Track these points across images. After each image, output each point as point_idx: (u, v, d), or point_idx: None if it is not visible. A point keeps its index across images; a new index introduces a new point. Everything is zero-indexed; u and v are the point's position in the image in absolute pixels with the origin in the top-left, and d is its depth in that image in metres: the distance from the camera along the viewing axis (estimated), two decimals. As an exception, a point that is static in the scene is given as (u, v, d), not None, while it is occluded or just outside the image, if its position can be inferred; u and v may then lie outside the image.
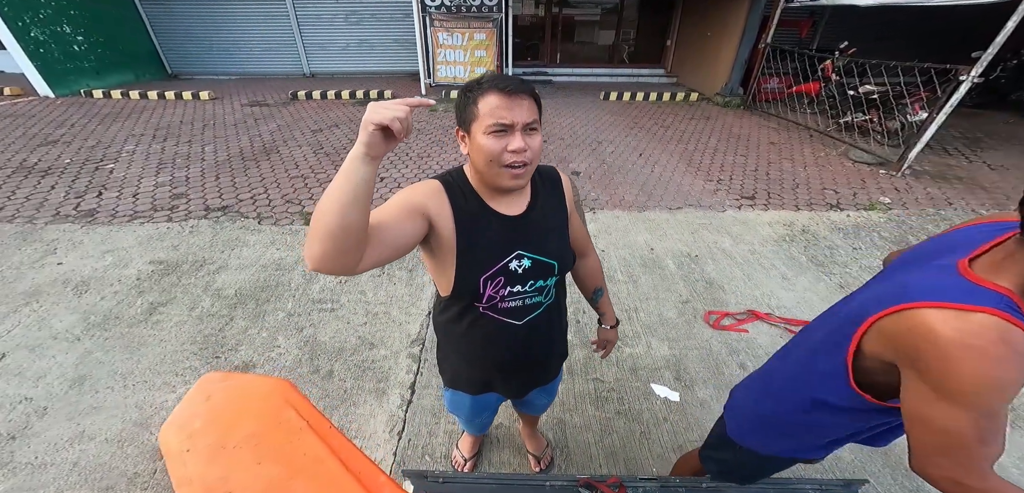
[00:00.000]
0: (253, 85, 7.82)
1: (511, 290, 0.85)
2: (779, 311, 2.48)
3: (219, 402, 0.79)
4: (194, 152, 4.64)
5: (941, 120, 4.03)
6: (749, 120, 6.35)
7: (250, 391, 0.83)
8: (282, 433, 0.73)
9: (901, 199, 3.90)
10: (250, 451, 0.69)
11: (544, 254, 0.86)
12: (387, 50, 8.68)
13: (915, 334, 0.63)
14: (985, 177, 4.40)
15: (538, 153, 0.76)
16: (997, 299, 0.58)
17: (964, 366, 0.58)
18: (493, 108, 0.70)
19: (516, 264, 0.83)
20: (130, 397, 1.89)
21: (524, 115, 0.71)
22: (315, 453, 0.69)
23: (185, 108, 6.25)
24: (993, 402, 0.58)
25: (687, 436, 1.80)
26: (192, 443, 0.70)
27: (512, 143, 0.72)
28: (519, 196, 0.86)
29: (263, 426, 0.74)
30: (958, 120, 5.83)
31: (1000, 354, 0.56)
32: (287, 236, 3.16)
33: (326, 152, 4.73)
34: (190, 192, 3.78)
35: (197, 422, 0.74)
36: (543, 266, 0.86)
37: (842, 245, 3.18)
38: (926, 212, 3.68)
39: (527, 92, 0.73)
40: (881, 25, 7.33)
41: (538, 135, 0.76)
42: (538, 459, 1.69)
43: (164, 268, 2.76)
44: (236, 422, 0.75)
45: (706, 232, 3.33)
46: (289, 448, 0.70)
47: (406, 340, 2.24)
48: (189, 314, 2.37)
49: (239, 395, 0.82)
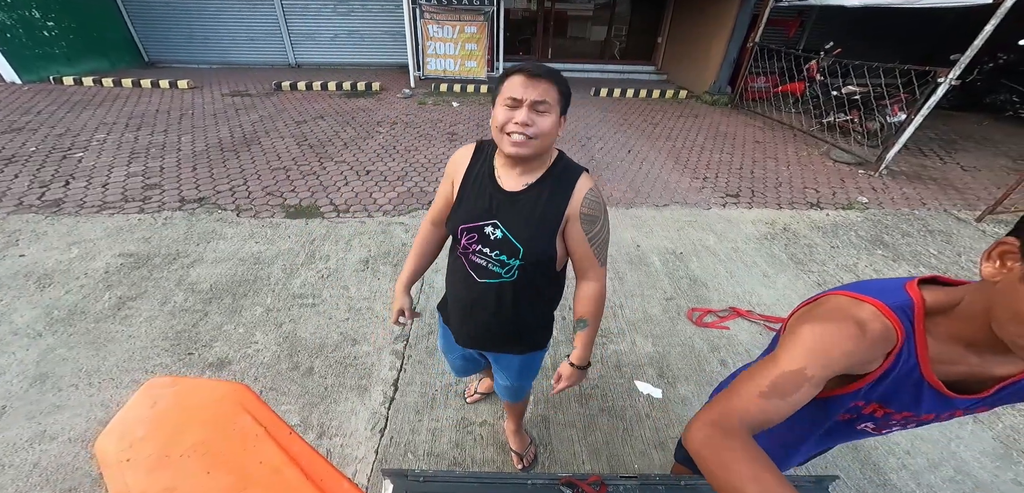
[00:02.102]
0: (235, 75, 7.57)
1: (480, 249, 0.97)
2: (760, 308, 2.52)
3: (165, 408, 0.73)
4: (170, 142, 4.47)
5: (918, 122, 4.14)
6: (736, 118, 6.43)
7: (201, 396, 0.77)
8: (236, 440, 0.68)
9: (878, 199, 4.00)
10: (198, 460, 0.64)
11: (513, 234, 0.93)
12: (377, 42, 8.50)
13: (809, 310, 0.66)
14: (957, 178, 4.54)
15: (545, 132, 0.84)
16: (897, 297, 0.60)
17: (805, 328, 0.60)
18: (512, 85, 0.83)
19: (491, 230, 0.94)
20: (96, 396, 1.81)
21: (534, 94, 0.81)
22: (273, 461, 0.65)
23: (161, 97, 6.01)
24: (804, 361, 0.57)
25: (668, 433, 1.81)
26: (132, 453, 0.65)
27: (518, 116, 0.82)
28: (526, 174, 0.93)
29: (214, 433, 0.69)
30: (935, 122, 6.01)
31: (846, 329, 0.58)
32: (267, 229, 3.06)
33: (310, 144, 4.61)
34: (164, 183, 3.64)
35: (139, 430, 0.68)
36: (510, 245, 0.93)
37: (821, 243, 3.25)
38: (901, 212, 3.78)
39: (545, 77, 0.82)
40: (867, 26, 7.48)
41: (548, 116, 0.83)
42: (521, 457, 1.69)
43: (134, 261, 2.65)
44: (183, 429, 0.69)
45: (691, 229, 3.35)
46: (243, 456, 0.66)
47: (390, 336, 2.20)
48: (161, 309, 2.28)
49: (188, 401, 0.76)
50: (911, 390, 0.62)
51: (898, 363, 0.60)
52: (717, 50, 7.09)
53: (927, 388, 0.61)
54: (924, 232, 3.46)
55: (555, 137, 0.88)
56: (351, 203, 3.50)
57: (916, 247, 3.24)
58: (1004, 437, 1.83)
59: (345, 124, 5.28)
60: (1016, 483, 1.67)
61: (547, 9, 9.10)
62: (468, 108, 6.36)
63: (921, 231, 3.48)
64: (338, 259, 2.78)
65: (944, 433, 1.85)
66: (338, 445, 1.69)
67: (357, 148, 4.57)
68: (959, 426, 1.88)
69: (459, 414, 1.83)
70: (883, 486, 1.64)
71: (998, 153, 5.34)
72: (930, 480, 1.67)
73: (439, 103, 6.49)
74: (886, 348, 0.59)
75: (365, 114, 5.70)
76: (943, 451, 1.77)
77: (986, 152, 5.36)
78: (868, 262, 3.03)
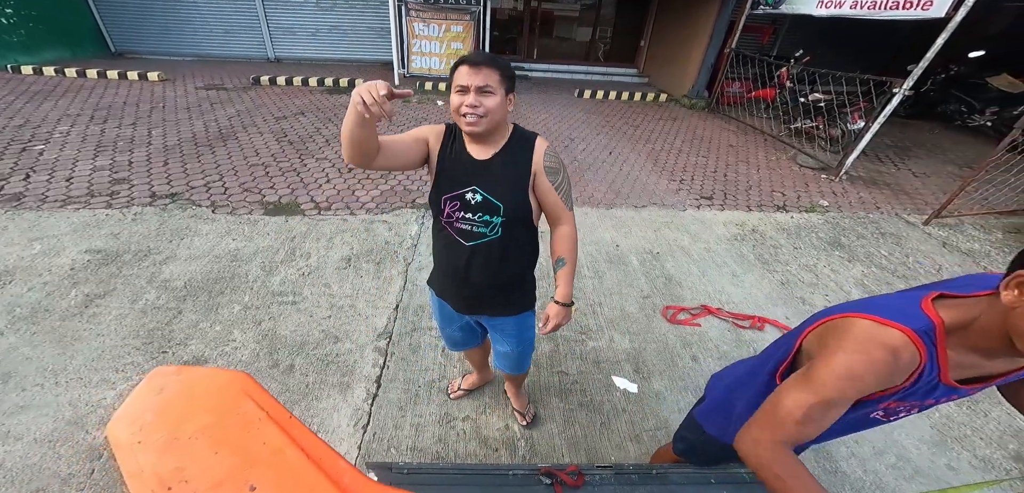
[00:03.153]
0: (210, 68, 7.32)
1: (464, 215, 1.09)
2: (729, 306, 2.65)
3: (171, 395, 0.77)
4: (139, 136, 4.30)
5: (875, 129, 4.43)
6: (712, 122, 6.68)
7: (205, 384, 0.81)
8: (240, 424, 0.72)
9: (837, 202, 4.26)
10: (206, 442, 0.68)
11: (493, 195, 1.06)
12: (360, 38, 8.37)
13: (835, 331, 0.71)
14: (909, 183, 4.89)
15: (492, 110, 0.97)
16: (919, 321, 0.66)
17: (839, 357, 0.67)
18: (460, 74, 0.96)
19: (471, 196, 1.07)
20: (62, 395, 1.76)
21: (478, 80, 0.94)
22: (275, 443, 0.69)
23: (130, 89, 5.76)
24: (841, 390, 0.66)
25: (643, 426, 1.89)
26: (144, 436, 0.68)
27: (467, 99, 0.96)
28: (489, 146, 1.07)
29: (219, 418, 0.73)
30: (891, 129, 6.42)
31: (879, 357, 0.64)
32: (245, 226, 3.01)
33: (290, 140, 4.53)
34: (134, 177, 3.51)
35: (148, 415, 0.72)
36: (491, 204, 1.07)
37: (785, 244, 3.44)
38: (857, 215, 4.04)
39: (486, 64, 0.95)
40: (833, 36, 7.87)
41: (493, 97, 0.97)
42: (523, 414, 1.83)
43: (102, 257, 2.56)
44: (190, 414, 0.73)
45: (668, 230, 3.49)
46: (247, 438, 0.70)
47: (372, 333, 2.22)
48: (131, 307, 2.23)
49: (193, 388, 0.80)
50: (927, 391, 0.69)
51: (921, 378, 0.67)
52: (696, 55, 7.33)
53: (941, 387, 0.69)
54: (877, 235, 3.72)
55: (506, 112, 1.02)
56: (333, 200, 3.47)
57: (869, 249, 3.48)
58: (940, 425, 2.00)
59: (327, 121, 5.20)
60: (949, 468, 1.82)
61: (533, 9, 9.18)
62: (452, 107, 6.37)
63: (874, 234, 3.73)
64: (319, 257, 2.77)
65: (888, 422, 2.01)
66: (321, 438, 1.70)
67: (339, 145, 4.52)
68: (902, 411, 2.05)
69: (442, 410, 1.87)
70: (834, 473, 1.75)
71: (946, 160, 5.76)
72: (875, 467, 1.80)
73: (424, 101, 6.47)
74: (912, 369, 0.66)
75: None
76: (887, 439, 1.91)
77: (936, 159, 5.78)
78: (827, 263, 3.23)
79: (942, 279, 0.91)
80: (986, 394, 2.14)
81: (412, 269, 2.73)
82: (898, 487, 1.74)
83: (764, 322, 2.52)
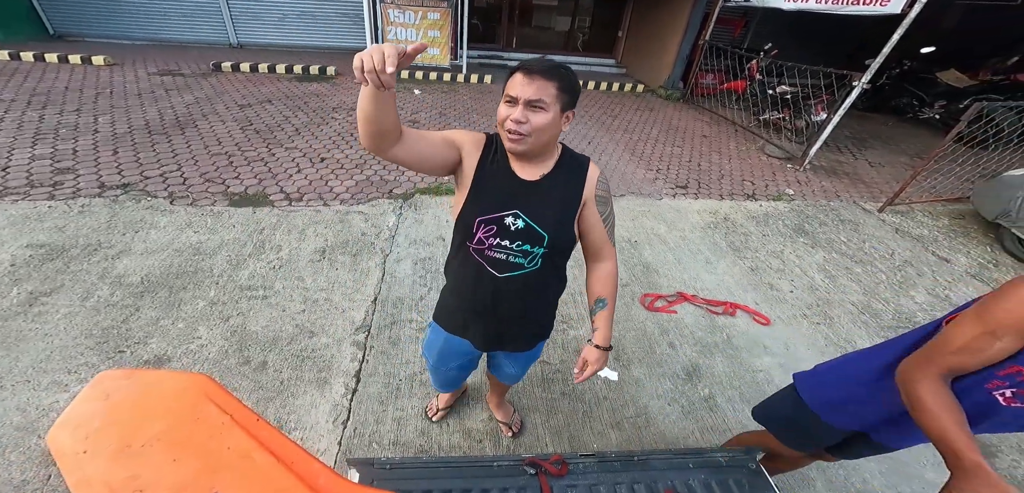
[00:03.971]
0: (164, 53, 6.80)
1: (499, 242, 0.94)
2: (703, 293, 2.74)
3: (121, 400, 0.69)
4: (84, 123, 3.96)
5: (836, 121, 4.67)
6: (687, 113, 6.85)
7: (160, 388, 0.73)
8: (202, 429, 0.65)
9: (801, 191, 4.48)
10: (163, 448, 0.61)
11: (538, 222, 0.93)
12: (331, 24, 7.95)
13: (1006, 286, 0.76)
14: (866, 173, 5.20)
15: (540, 129, 0.85)
16: None
17: (1010, 289, 0.72)
18: (512, 82, 0.84)
19: (511, 221, 0.93)
20: (9, 399, 1.62)
21: (529, 93, 0.82)
22: (242, 447, 0.63)
23: (72, 74, 5.28)
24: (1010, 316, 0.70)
25: (624, 413, 1.93)
26: (89, 444, 0.60)
27: (514, 113, 0.84)
28: (538, 166, 0.95)
29: (177, 422, 0.66)
30: (851, 122, 6.79)
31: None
32: (207, 218, 2.84)
33: (256, 129, 4.29)
34: (79, 167, 3.24)
35: (95, 421, 0.64)
36: (534, 233, 0.93)
37: (755, 232, 3.59)
38: (819, 203, 4.27)
39: (542, 75, 0.82)
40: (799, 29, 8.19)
41: (544, 114, 0.84)
42: (508, 425, 1.77)
43: (46, 252, 2.36)
44: (144, 420, 0.65)
45: (645, 219, 3.56)
46: (211, 444, 0.63)
47: (350, 327, 2.16)
48: (82, 304, 2.06)
49: (146, 392, 0.71)
50: None
51: None
52: (672, 46, 7.46)
53: None
54: (837, 222, 3.94)
55: (557, 132, 0.89)
56: (305, 191, 3.33)
57: (830, 236, 3.68)
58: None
59: (296, 110, 4.96)
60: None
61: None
62: (432, 96, 6.22)
63: (834, 221, 3.95)
64: (291, 249, 2.65)
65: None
66: (298, 439, 1.65)
67: (310, 135, 4.33)
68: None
69: (424, 403, 1.84)
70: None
71: (899, 151, 6.16)
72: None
73: (400, 90, 6.28)
74: None
75: (319, 100, 5.39)
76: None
77: (890, 150, 6.16)
78: (792, 249, 3.40)
79: None
80: None
81: (390, 261, 2.66)
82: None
83: (735, 308, 2.62)
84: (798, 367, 2.24)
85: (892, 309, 2.81)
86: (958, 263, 3.46)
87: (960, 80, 6.77)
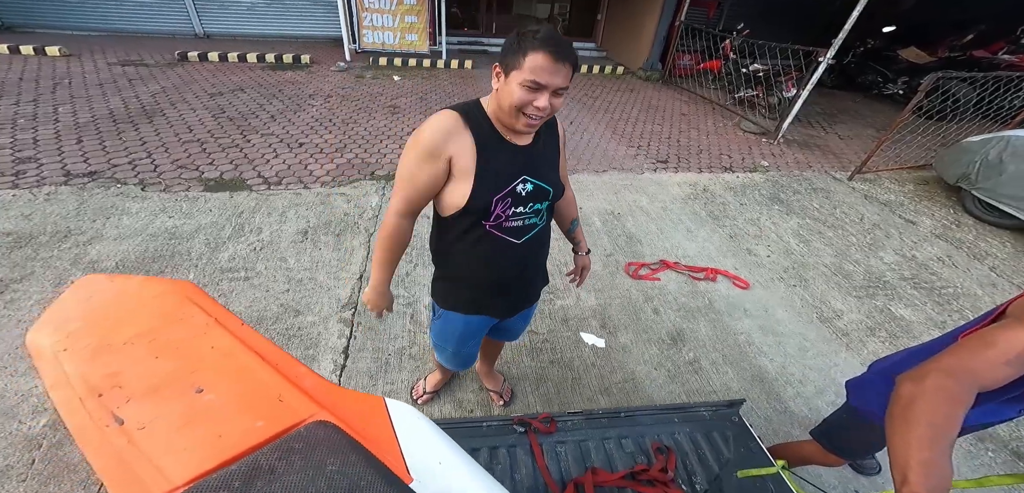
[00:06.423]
0: (124, 43, 6.45)
1: (515, 210, 0.97)
2: (685, 260, 2.83)
3: (103, 302, 0.66)
4: (43, 113, 3.75)
5: (805, 96, 4.84)
6: (665, 93, 6.96)
7: (143, 291, 0.71)
8: (185, 329, 0.64)
9: (776, 163, 4.64)
10: (144, 346, 0.60)
11: (543, 180, 0.98)
12: (303, 12, 7.65)
13: None
14: (835, 145, 5.41)
15: (556, 110, 0.85)
16: None
17: None
18: (536, 66, 0.76)
19: (521, 187, 0.95)
20: (-22, 389, 1.55)
21: (558, 80, 0.78)
22: (225, 346, 0.62)
23: (25, 64, 4.97)
24: None
25: (612, 379, 1.96)
26: (70, 343, 0.58)
27: (539, 101, 0.80)
28: (527, 131, 0.95)
29: (160, 323, 0.64)
30: (820, 98, 7.03)
31: None
32: (182, 203, 2.75)
33: (229, 117, 4.14)
34: (41, 156, 3.08)
35: (75, 322, 0.62)
36: (542, 190, 0.99)
37: (732, 202, 3.71)
38: (793, 174, 4.43)
39: (569, 61, 0.79)
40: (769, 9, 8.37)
41: (562, 98, 0.83)
42: (499, 394, 1.78)
43: (13, 240, 2.26)
44: (126, 320, 0.64)
45: (627, 192, 3.63)
46: (194, 343, 0.62)
47: (336, 305, 2.14)
48: (55, 290, 1.99)
49: (128, 295, 0.69)
50: None
51: None
52: (649, 28, 7.53)
53: None
54: (810, 190, 4.11)
55: None
56: (283, 175, 3.25)
57: (804, 203, 3.84)
58: (867, 361, 2.18)
59: (271, 97, 4.81)
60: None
61: (489, -18, 8.93)
62: (411, 81, 6.12)
63: (808, 190, 4.12)
64: (273, 231, 2.60)
65: (826, 361, 2.17)
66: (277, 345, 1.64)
67: (286, 121, 4.21)
68: (834, 354, 2.22)
69: (414, 376, 1.86)
70: (784, 412, 1.90)
71: (866, 124, 6.42)
72: (817, 404, 1.93)
73: (379, 76, 6.15)
74: None
75: (294, 87, 5.23)
76: (826, 378, 2.07)
77: (857, 124, 6.42)
78: (768, 217, 3.53)
79: None
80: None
81: (375, 239, 2.64)
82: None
83: (717, 273, 2.72)
84: (777, 329, 2.40)
85: (863, 270, 2.96)
86: (923, 225, 3.67)
87: (920, 57, 7.07)
